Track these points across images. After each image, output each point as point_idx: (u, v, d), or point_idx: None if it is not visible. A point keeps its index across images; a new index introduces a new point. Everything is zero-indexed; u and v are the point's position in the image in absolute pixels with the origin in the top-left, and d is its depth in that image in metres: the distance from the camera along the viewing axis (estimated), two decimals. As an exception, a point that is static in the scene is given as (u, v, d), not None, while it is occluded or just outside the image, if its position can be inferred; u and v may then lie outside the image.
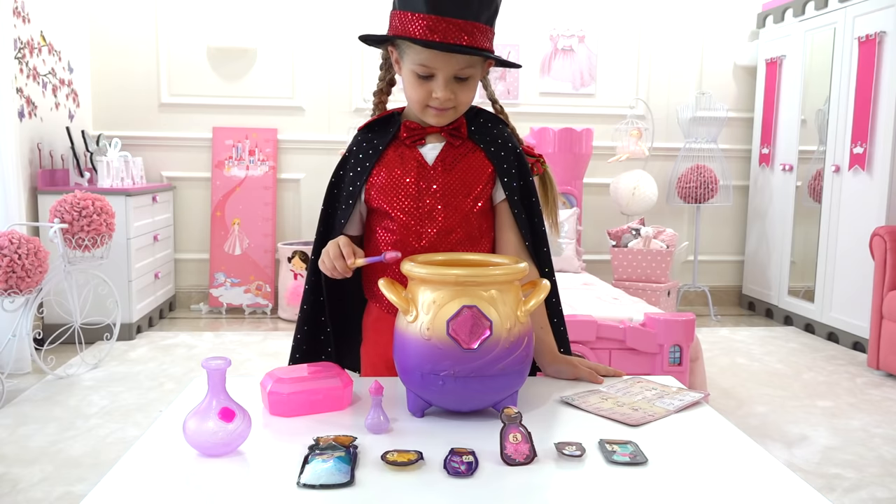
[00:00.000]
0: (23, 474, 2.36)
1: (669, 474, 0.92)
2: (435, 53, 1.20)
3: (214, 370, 0.96)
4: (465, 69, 1.23)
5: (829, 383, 3.47)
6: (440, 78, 1.23)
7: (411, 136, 1.32)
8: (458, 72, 1.23)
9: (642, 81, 5.07)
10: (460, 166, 1.32)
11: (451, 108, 1.27)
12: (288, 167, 4.88)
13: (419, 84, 1.25)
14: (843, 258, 4.18)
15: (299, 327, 1.40)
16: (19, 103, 3.78)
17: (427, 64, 1.22)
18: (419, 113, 1.30)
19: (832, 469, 2.50)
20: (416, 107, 1.28)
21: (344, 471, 0.89)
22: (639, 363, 2.65)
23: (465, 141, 1.33)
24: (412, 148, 1.32)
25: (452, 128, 1.32)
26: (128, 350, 3.84)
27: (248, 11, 4.76)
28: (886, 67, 3.85)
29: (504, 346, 1.04)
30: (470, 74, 1.25)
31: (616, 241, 4.51)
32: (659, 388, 1.26)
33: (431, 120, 1.29)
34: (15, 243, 3.02)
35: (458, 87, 1.25)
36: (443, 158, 1.32)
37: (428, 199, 1.31)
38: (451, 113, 1.29)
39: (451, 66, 1.22)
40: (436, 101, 1.25)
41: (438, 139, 1.33)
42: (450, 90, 1.24)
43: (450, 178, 1.31)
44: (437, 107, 1.26)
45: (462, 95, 1.26)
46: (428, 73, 1.23)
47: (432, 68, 1.22)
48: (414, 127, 1.32)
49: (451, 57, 1.21)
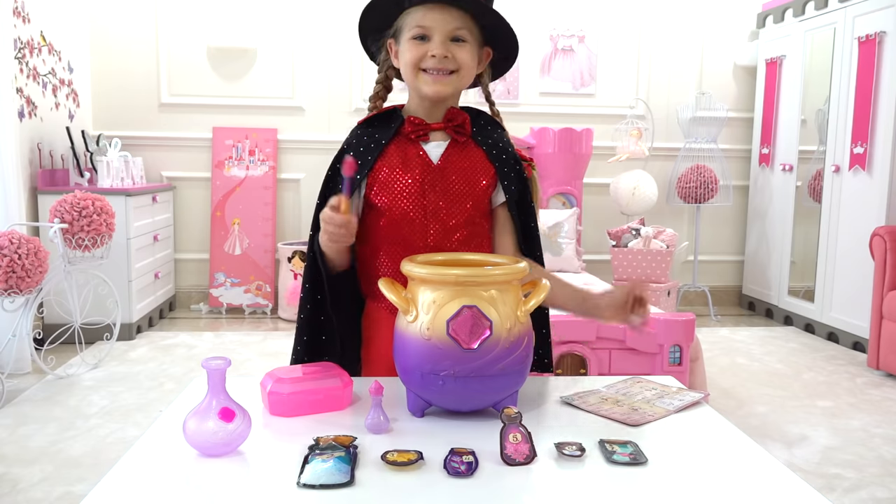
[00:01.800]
0: (23, 474, 2.36)
1: (669, 474, 0.92)
2: (431, 11, 1.24)
3: (214, 370, 0.96)
4: (461, 30, 1.26)
5: (829, 383, 3.47)
6: (436, 37, 1.26)
7: (415, 130, 1.31)
8: (453, 31, 1.26)
9: (642, 81, 5.07)
10: (464, 165, 1.31)
11: (452, 73, 1.28)
12: (288, 167, 4.88)
13: (415, 46, 1.27)
14: (843, 258, 4.18)
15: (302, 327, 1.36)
16: (19, 103, 3.78)
17: (423, 23, 1.26)
18: (414, 81, 1.29)
19: (832, 469, 2.50)
20: (411, 73, 1.29)
21: (344, 471, 0.89)
22: (639, 363, 2.65)
23: (468, 139, 1.33)
24: (416, 145, 1.31)
25: (457, 124, 1.32)
26: (128, 350, 3.84)
27: (248, 11, 4.76)
28: (886, 67, 3.85)
29: (504, 345, 1.04)
30: (466, 38, 1.27)
31: (616, 241, 4.51)
32: (659, 388, 1.26)
33: (428, 88, 1.28)
34: (15, 243, 3.02)
35: (456, 47, 1.27)
36: (447, 157, 1.31)
37: (432, 196, 1.30)
38: (453, 79, 1.28)
39: (447, 22, 1.25)
40: (432, 59, 1.26)
41: (443, 136, 1.32)
42: (446, 48, 1.26)
43: (454, 177, 1.31)
44: (433, 66, 1.26)
45: (461, 55, 1.27)
46: (424, 34, 1.26)
47: (428, 28, 1.26)
48: (418, 122, 1.31)
49: (448, 13, 1.25)
